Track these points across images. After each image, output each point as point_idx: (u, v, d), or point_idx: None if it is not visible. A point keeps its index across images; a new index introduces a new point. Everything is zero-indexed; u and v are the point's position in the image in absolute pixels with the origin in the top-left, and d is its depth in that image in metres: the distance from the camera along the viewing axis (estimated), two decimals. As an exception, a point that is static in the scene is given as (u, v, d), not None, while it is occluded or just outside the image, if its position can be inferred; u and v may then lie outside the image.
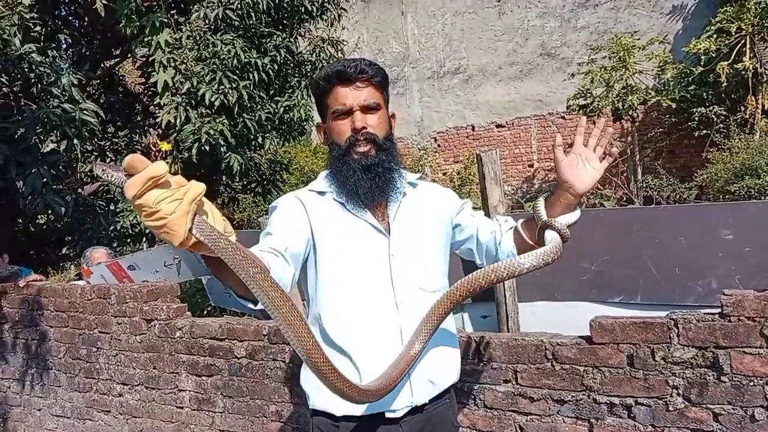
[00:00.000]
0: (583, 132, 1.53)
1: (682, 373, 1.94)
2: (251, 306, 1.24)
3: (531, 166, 12.51)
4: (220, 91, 5.26)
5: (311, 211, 1.54)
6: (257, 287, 1.03)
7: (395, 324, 1.51)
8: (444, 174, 13.36)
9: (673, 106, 9.80)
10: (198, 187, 0.97)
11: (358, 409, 1.49)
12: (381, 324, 1.51)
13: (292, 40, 6.17)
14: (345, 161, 1.53)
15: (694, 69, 9.60)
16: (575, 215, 1.47)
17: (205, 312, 3.88)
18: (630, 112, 9.99)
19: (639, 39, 10.41)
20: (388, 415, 1.51)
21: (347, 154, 1.53)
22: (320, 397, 1.53)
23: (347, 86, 1.53)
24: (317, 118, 1.69)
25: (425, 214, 1.62)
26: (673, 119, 10.47)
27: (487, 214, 2.51)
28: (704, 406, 1.91)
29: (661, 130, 10.90)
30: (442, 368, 1.60)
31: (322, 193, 1.59)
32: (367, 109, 1.53)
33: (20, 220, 5.69)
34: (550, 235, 1.41)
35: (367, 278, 1.52)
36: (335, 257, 1.52)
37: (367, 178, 1.51)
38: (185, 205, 0.94)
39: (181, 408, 3.24)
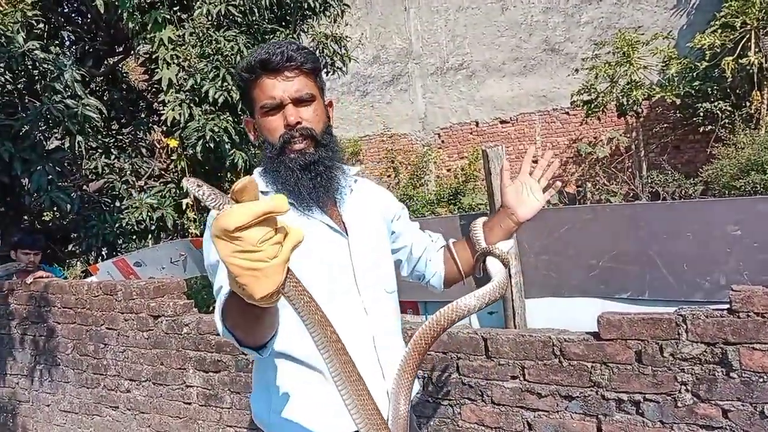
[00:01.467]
0: (529, 161, 1.55)
1: (690, 370, 1.93)
2: (253, 353, 1.14)
3: (535, 162, 12.49)
4: (223, 88, 5.26)
5: None
6: (334, 357, 0.95)
7: (367, 330, 1.39)
8: (448, 170, 13.35)
9: (678, 101, 9.77)
10: (299, 234, 0.83)
11: (335, 429, 1.34)
12: (352, 332, 1.31)
13: (295, 36, 6.16)
14: (281, 161, 1.36)
15: (698, 64, 9.57)
16: (511, 242, 1.48)
17: (212, 308, 3.89)
18: (634, 108, 9.97)
19: (643, 34, 10.38)
20: None
21: (282, 154, 1.36)
22: (289, 422, 1.36)
23: (274, 77, 1.34)
24: None
25: (373, 212, 1.52)
26: (678, 115, 10.44)
27: (493, 210, 2.50)
28: (713, 402, 1.90)
29: (665, 125, 10.87)
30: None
31: (264, 193, 1.38)
32: (299, 101, 1.36)
33: (26, 217, 5.69)
34: (495, 266, 1.41)
35: (332, 283, 1.36)
36: (295, 261, 1.38)
37: (308, 178, 1.36)
38: (287, 251, 0.81)
39: (189, 404, 3.25)
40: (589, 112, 10.30)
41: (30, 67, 4.75)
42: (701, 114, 9.64)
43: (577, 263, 2.46)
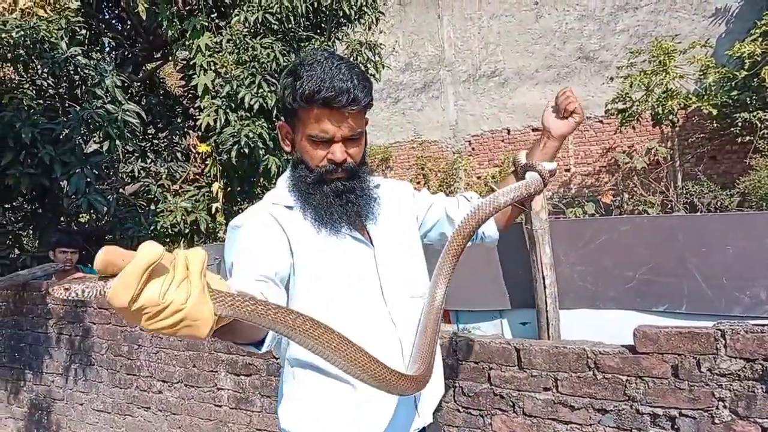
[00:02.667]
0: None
1: (729, 386, 1.89)
2: (254, 350, 1.12)
3: (568, 170, 12.36)
4: (258, 95, 5.33)
5: (286, 226, 1.35)
6: (304, 334, 0.89)
7: (395, 339, 1.40)
8: (478, 177, 13.28)
9: (715, 111, 9.58)
10: (199, 254, 0.75)
11: None
12: (380, 342, 1.33)
13: (330, 44, 6.22)
14: (316, 188, 1.37)
15: (737, 73, 9.37)
16: (553, 164, 1.51)
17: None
18: (670, 117, 9.80)
19: (680, 42, 10.21)
20: None
21: (319, 183, 1.36)
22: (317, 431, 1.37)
23: (332, 113, 1.30)
24: None
25: (398, 214, 1.52)
26: (715, 124, 10.24)
27: (528, 218, 2.49)
28: (752, 419, 1.86)
29: (702, 135, 10.67)
30: (438, 379, 1.54)
31: (289, 208, 1.39)
32: (349, 139, 1.35)
33: (63, 219, 5.83)
34: (530, 175, 1.48)
35: (357, 295, 1.36)
36: (319, 277, 1.33)
37: (339, 204, 1.36)
38: (197, 281, 0.73)
39: (220, 406, 3.28)
40: (624, 121, 10.16)
41: (72, 72, 4.87)
42: (739, 124, 9.43)
43: (614, 275, 2.42)
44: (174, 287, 0.71)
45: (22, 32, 4.47)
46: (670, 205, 9.54)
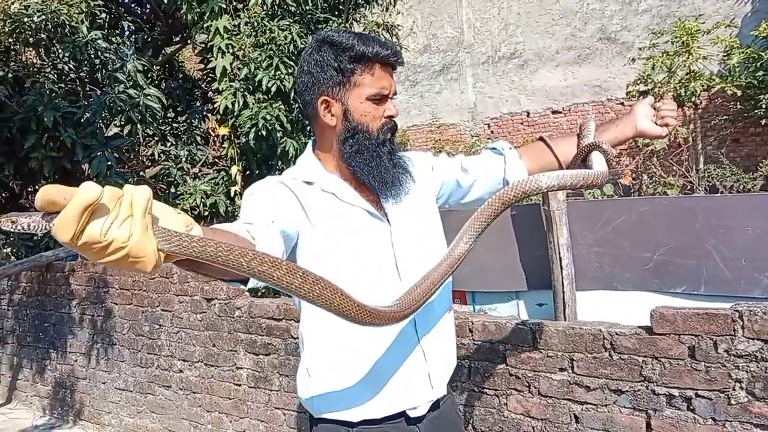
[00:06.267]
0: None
1: (746, 367, 1.89)
2: (240, 285, 1.11)
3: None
4: (276, 77, 5.33)
5: (302, 197, 1.36)
6: (261, 276, 0.87)
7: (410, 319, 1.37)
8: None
9: (739, 93, 9.40)
10: (143, 192, 0.76)
11: (378, 412, 1.38)
12: None
13: (347, 25, 6.19)
14: (382, 150, 1.40)
15: (762, 54, 9.18)
16: (614, 150, 1.47)
17: (261, 293, 3.98)
18: (693, 99, 9.64)
19: (704, 23, 10.01)
20: (410, 413, 1.41)
21: (384, 144, 1.41)
22: (334, 404, 1.40)
23: (386, 70, 1.41)
24: None
25: (417, 191, 1.49)
26: (739, 106, 10.05)
27: (546, 199, 2.48)
28: (769, 400, 1.86)
29: (725, 117, 10.49)
30: (451, 352, 1.52)
31: (308, 183, 1.41)
32: (392, 97, 1.45)
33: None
34: (598, 162, 1.38)
35: (372, 270, 1.37)
36: (335, 249, 1.35)
37: (392, 165, 1.41)
38: (139, 219, 0.75)
39: (239, 385, 3.34)
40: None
41: (92, 56, 4.91)
42: (764, 106, 9.25)
43: (631, 256, 2.41)
44: (117, 225, 0.73)
45: (44, 16, 4.52)
46: (690, 187, 9.42)
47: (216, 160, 6.73)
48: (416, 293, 1.15)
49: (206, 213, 5.70)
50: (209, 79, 6.92)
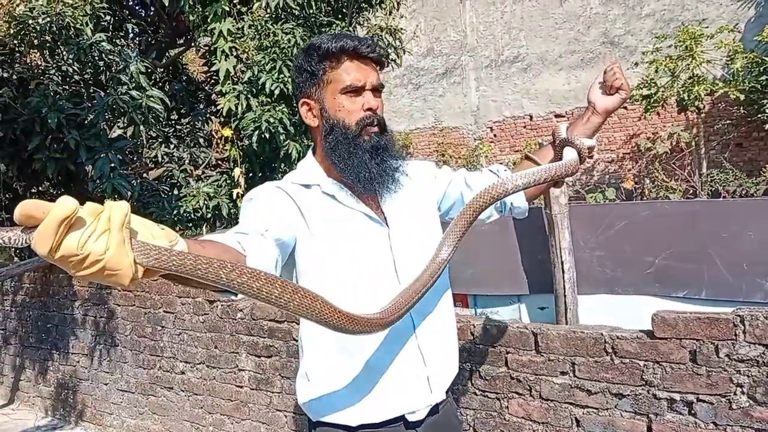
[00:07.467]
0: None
1: (747, 372, 1.89)
2: (230, 296, 1.11)
3: (591, 157, 12.23)
4: (280, 80, 5.34)
5: (300, 201, 1.37)
6: (240, 287, 0.87)
7: (408, 321, 1.39)
8: (500, 164, 13.19)
9: (742, 97, 9.40)
10: (121, 207, 0.77)
11: (377, 416, 1.38)
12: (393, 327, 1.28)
13: (351, 29, 6.20)
14: (357, 143, 1.37)
15: (766, 58, 9.18)
16: (593, 141, 1.48)
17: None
18: (696, 103, 9.64)
19: (707, 27, 10.01)
20: (409, 418, 1.41)
21: (359, 136, 1.38)
22: (333, 408, 1.40)
23: (359, 62, 1.39)
24: None
25: (417, 195, 1.51)
26: (742, 111, 10.05)
27: (548, 203, 2.48)
28: (771, 405, 1.86)
29: (728, 122, 10.49)
30: (452, 357, 1.52)
31: (307, 186, 1.41)
32: (375, 90, 1.42)
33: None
34: (567, 152, 1.40)
35: (371, 274, 1.37)
36: (334, 252, 1.35)
37: (375, 163, 1.38)
38: (116, 233, 0.75)
39: (241, 387, 3.34)
40: (648, 107, 10.01)
41: (96, 58, 4.93)
42: (767, 110, 9.26)
43: (633, 260, 2.42)
44: (93, 239, 0.74)
45: (48, 19, 4.54)
46: (692, 191, 9.41)
47: (219, 162, 6.74)
48: (400, 301, 1.15)
49: (209, 215, 5.71)
50: (213, 81, 6.95)
